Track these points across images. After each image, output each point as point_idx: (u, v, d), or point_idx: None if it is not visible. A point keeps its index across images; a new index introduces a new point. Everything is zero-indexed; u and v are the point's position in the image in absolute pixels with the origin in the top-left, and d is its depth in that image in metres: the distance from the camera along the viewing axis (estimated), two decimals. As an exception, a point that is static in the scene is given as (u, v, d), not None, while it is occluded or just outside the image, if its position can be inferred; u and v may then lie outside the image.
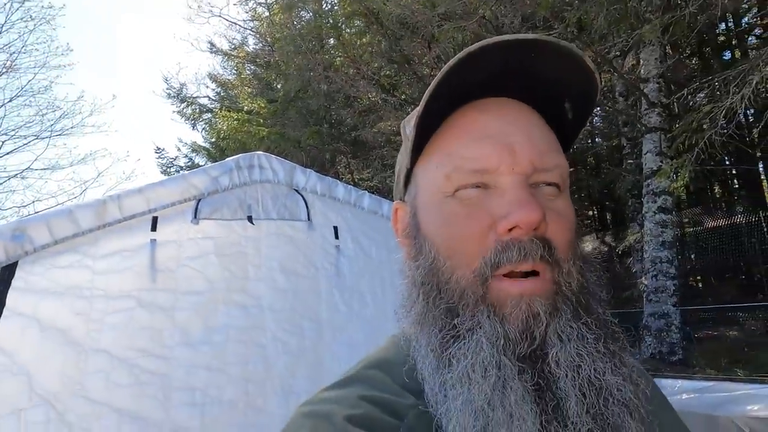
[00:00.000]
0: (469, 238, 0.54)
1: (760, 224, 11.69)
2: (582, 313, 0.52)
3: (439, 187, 0.57)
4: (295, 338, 2.25)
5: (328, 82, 11.04)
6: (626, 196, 10.00)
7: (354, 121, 12.09)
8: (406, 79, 10.70)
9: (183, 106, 17.06)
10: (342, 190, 2.53)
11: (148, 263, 1.93)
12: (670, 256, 6.85)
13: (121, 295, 1.84)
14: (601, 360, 0.49)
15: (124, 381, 1.77)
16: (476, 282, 0.52)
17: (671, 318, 6.73)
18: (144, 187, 1.96)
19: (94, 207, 1.82)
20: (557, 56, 0.54)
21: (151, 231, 1.96)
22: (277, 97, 13.65)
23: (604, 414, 0.48)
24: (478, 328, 0.50)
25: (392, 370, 0.58)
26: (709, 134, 5.12)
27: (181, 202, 2.04)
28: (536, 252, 0.51)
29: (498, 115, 0.57)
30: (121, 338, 1.80)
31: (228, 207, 2.19)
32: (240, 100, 14.57)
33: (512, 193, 0.53)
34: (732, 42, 13.43)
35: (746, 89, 4.83)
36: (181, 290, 2.00)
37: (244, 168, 2.24)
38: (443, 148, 0.58)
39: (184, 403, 1.90)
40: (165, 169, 19.24)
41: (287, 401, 2.15)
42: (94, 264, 1.81)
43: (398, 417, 0.53)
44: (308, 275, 2.38)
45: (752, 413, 1.39)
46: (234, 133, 12.34)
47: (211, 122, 17.00)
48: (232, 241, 2.19)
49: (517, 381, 0.48)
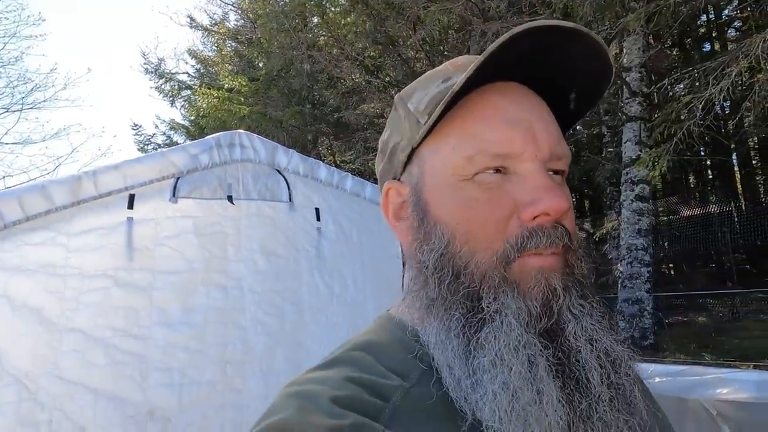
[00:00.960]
0: (490, 223, 0.53)
1: (732, 215, 12.03)
2: (588, 293, 0.54)
3: (456, 169, 0.56)
4: (274, 320, 2.24)
5: (312, 61, 10.88)
6: (605, 184, 10.16)
7: (337, 102, 11.97)
8: (391, 62, 10.60)
9: (161, 82, 16.67)
10: (324, 171, 2.50)
11: (124, 242, 1.89)
12: (646, 243, 7.00)
13: (97, 273, 1.80)
14: (607, 335, 0.51)
15: (100, 361, 1.74)
16: (499, 264, 0.52)
17: (644, 304, 6.91)
18: (120, 164, 1.91)
19: (68, 183, 1.77)
20: (586, 47, 0.54)
21: (127, 209, 1.91)
22: (258, 75, 13.41)
23: (618, 384, 0.50)
24: (505, 308, 0.51)
25: (378, 352, 0.58)
26: (687, 125, 5.21)
27: (159, 180, 1.99)
28: (562, 239, 0.52)
29: (518, 101, 0.57)
30: (96, 318, 1.76)
31: (208, 186, 2.14)
32: (220, 78, 14.26)
33: (537, 179, 0.53)
34: (712, 34, 13.62)
35: (725, 81, 4.92)
36: (159, 270, 1.97)
37: (225, 146, 2.19)
38: (464, 130, 0.56)
39: (162, 384, 1.88)
40: (142, 147, 18.87)
41: (266, 382, 2.15)
42: (69, 242, 1.76)
43: (384, 398, 0.53)
44: (289, 257, 2.36)
45: (720, 396, 1.43)
46: (214, 111, 12.11)
47: (190, 99, 16.66)
48: (211, 221, 2.15)
49: (542, 358, 0.49)
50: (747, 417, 1.48)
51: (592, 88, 0.60)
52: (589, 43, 0.54)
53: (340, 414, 0.49)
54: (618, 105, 7.78)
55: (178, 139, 18.41)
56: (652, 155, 5.84)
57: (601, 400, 0.48)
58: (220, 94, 12.39)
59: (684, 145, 5.55)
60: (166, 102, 17.23)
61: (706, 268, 13.72)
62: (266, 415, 0.53)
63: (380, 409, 0.51)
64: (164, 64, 16.92)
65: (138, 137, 18.88)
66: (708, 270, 13.58)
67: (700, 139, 5.84)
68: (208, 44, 17.64)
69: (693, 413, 1.54)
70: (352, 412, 0.50)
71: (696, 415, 1.53)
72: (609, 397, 0.49)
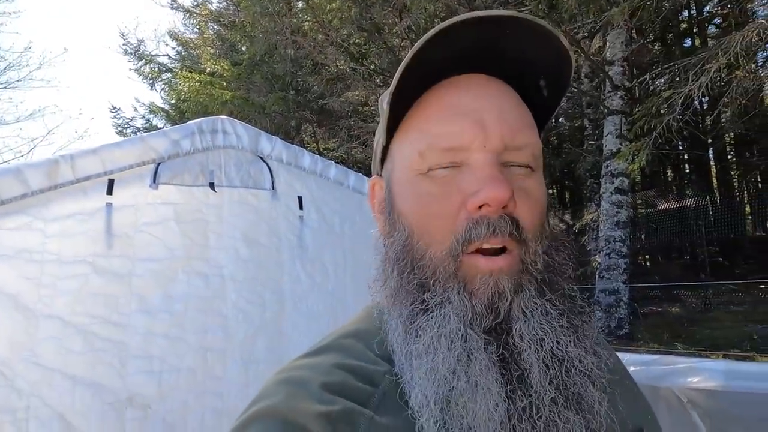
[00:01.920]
0: (441, 217, 0.54)
1: (707, 208, 12.32)
2: (546, 290, 0.53)
3: (412, 164, 0.57)
4: (255, 308, 2.24)
5: (296, 47, 10.73)
6: (585, 176, 10.29)
7: (321, 89, 11.85)
8: (376, 49, 10.52)
9: (141, 64, 16.29)
10: (308, 159, 2.49)
11: (103, 228, 1.86)
12: (624, 235, 7.14)
13: (75, 260, 1.77)
14: (564, 334, 0.51)
15: (78, 348, 1.72)
16: (448, 259, 0.53)
17: (621, 294, 7.06)
18: (99, 148, 1.87)
19: (44, 166, 1.73)
20: (531, 34, 0.53)
21: (106, 194, 1.87)
22: (241, 59, 13.19)
23: (567, 383, 0.50)
24: (447, 302, 0.52)
25: (366, 340, 0.59)
26: (667, 119, 5.30)
27: (139, 165, 1.95)
28: (505, 229, 0.52)
29: (470, 92, 0.57)
30: (74, 304, 1.74)
31: (189, 172, 2.12)
32: (202, 61, 13.99)
33: (482, 170, 0.53)
34: (693, 30, 13.81)
35: (704, 77, 5.00)
36: (139, 257, 1.94)
37: (207, 132, 2.16)
38: (416, 126, 0.58)
39: (141, 371, 1.87)
40: (121, 130, 18.49)
41: (246, 370, 2.15)
42: (46, 227, 1.73)
43: (373, 384, 0.54)
44: (271, 245, 2.35)
45: (691, 385, 1.49)
46: (195, 96, 11.90)
47: (170, 83, 16.32)
48: (193, 208, 2.12)
49: (483, 352, 0.49)
50: (715, 405, 1.54)
51: (557, 74, 0.59)
52: (537, 29, 0.53)
53: (330, 400, 0.50)
54: (600, 98, 7.87)
55: (157, 123, 18.08)
56: (632, 149, 5.94)
57: (542, 399, 0.49)
58: (201, 77, 12.17)
59: (663, 140, 5.65)
60: (146, 85, 16.86)
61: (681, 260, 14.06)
62: (256, 400, 0.54)
63: (369, 395, 0.52)
64: (144, 46, 16.54)
65: (116, 120, 18.50)
66: (682, 262, 13.93)
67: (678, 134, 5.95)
68: (189, 26, 17.26)
69: (665, 401, 1.59)
70: (342, 398, 0.51)
71: (668, 403, 1.59)
72: (552, 396, 0.49)
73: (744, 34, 4.63)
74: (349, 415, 0.49)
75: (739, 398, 1.41)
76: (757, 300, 9.81)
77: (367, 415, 0.50)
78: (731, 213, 12.24)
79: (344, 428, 0.48)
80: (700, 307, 9.83)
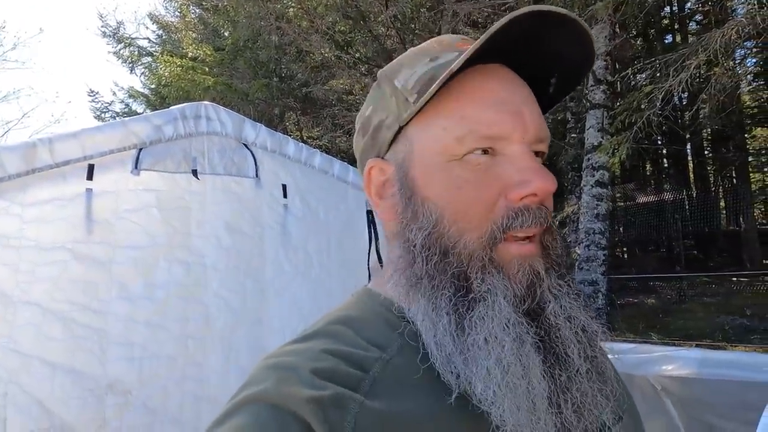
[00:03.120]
0: (479, 203, 0.55)
1: (684, 203, 12.58)
2: (565, 272, 0.57)
3: (446, 149, 0.57)
4: (237, 296, 2.23)
5: (280, 33, 10.59)
6: (567, 168, 10.40)
7: (305, 76, 11.73)
8: (361, 38, 10.43)
9: (120, 47, 15.89)
10: (293, 147, 2.47)
11: (83, 214, 1.82)
12: (603, 228, 7.25)
13: (54, 246, 1.74)
14: (583, 312, 0.55)
15: (58, 334, 1.70)
16: (486, 245, 0.54)
17: (599, 286, 7.19)
18: (79, 132, 1.83)
19: (21, 150, 1.68)
20: (573, 33, 0.56)
21: (87, 180, 1.84)
22: (224, 45, 12.97)
23: (592, 357, 0.54)
24: (494, 289, 0.53)
25: (357, 326, 0.59)
26: (647, 114, 5.38)
27: (120, 150, 1.92)
28: (545, 219, 0.55)
29: (506, 83, 0.58)
30: (53, 291, 1.71)
31: (172, 159, 2.09)
32: (184, 45, 13.70)
33: (525, 161, 0.55)
34: (675, 26, 14.00)
35: (684, 73, 5.09)
36: (120, 244, 1.92)
37: (190, 118, 2.13)
38: (455, 110, 0.57)
39: (122, 358, 1.86)
40: (99, 114, 18.09)
41: (227, 357, 2.15)
42: (24, 212, 1.69)
43: (364, 369, 0.54)
44: (254, 234, 2.33)
45: (665, 373, 1.53)
46: (177, 81, 11.66)
47: (151, 67, 15.98)
48: (175, 195, 2.10)
49: (528, 335, 0.52)
50: (688, 392, 1.59)
51: (572, 74, 0.61)
52: (577, 29, 0.55)
53: (320, 385, 0.50)
54: (583, 92, 7.95)
55: (137, 108, 17.72)
56: (613, 142, 6.02)
57: (579, 372, 0.52)
58: (183, 62, 11.92)
59: (643, 134, 5.74)
60: (125, 68, 16.48)
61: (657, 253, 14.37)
62: (245, 386, 0.54)
63: (360, 380, 0.52)
64: (123, 28, 16.12)
65: (94, 104, 18.08)
66: (659, 254, 14.24)
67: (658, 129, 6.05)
68: (170, 9, 16.90)
69: (639, 388, 1.64)
70: (332, 383, 0.51)
71: (642, 390, 1.63)
72: (586, 369, 0.52)
73: (724, 31, 4.71)
74: (340, 400, 0.49)
75: (710, 386, 1.46)
76: (729, 292, 10.10)
77: (358, 400, 0.50)
78: (707, 207, 12.54)
79: (335, 413, 0.48)
80: (675, 298, 10.08)
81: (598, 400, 0.53)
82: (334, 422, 0.48)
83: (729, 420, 1.50)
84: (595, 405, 0.52)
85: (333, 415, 0.48)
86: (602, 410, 0.53)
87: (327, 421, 0.48)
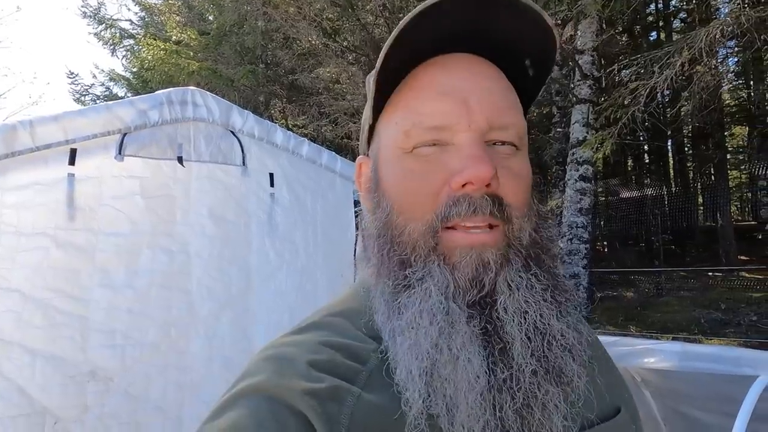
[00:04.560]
0: (423, 194, 0.55)
1: (664, 198, 12.80)
2: (532, 265, 0.54)
3: (398, 143, 0.58)
4: (221, 285, 2.21)
5: (266, 18, 10.43)
6: (552, 162, 10.49)
7: (292, 63, 11.58)
8: (349, 25, 10.33)
9: (101, 28, 15.49)
10: (281, 135, 2.44)
11: (65, 200, 1.78)
12: (586, 222, 7.35)
13: (35, 232, 1.70)
14: (547, 308, 0.52)
15: (38, 321, 1.67)
16: (427, 234, 0.54)
17: (580, 279, 7.30)
18: (60, 115, 1.78)
19: (1, 133, 1.64)
20: (515, 12, 0.54)
21: (68, 164, 1.80)
22: (209, 29, 12.73)
23: (548, 356, 0.51)
24: (429, 277, 0.52)
25: (354, 318, 0.60)
26: (632, 110, 5.44)
27: (103, 135, 1.88)
28: (486, 208, 0.52)
29: (456, 72, 0.57)
30: (34, 278, 1.68)
31: (157, 145, 2.05)
32: (167, 29, 13.41)
33: (467, 149, 0.53)
34: (660, 23, 14.14)
35: (668, 71, 5.15)
36: (102, 231, 1.88)
37: (176, 103, 2.09)
38: (402, 105, 0.58)
39: (104, 345, 1.83)
40: (79, 97, 17.66)
41: (210, 345, 2.13)
42: (3, 196, 1.65)
43: (361, 361, 0.54)
44: (239, 222, 2.31)
45: (645, 365, 1.57)
46: (160, 65, 11.42)
47: (133, 49, 15.62)
48: (159, 182, 2.07)
49: (465, 325, 0.50)
50: (666, 384, 1.62)
51: (542, 54, 0.60)
52: (522, 8, 0.54)
53: (317, 377, 0.50)
54: (569, 87, 8.00)
55: (118, 92, 17.34)
56: (598, 138, 6.08)
57: (523, 371, 0.49)
58: (167, 46, 11.67)
59: (627, 130, 5.81)
60: (106, 50, 16.07)
61: (637, 247, 14.63)
62: (242, 377, 0.53)
63: (357, 372, 0.53)
64: (104, 9, 15.75)
65: (74, 86, 17.62)
66: (638, 249, 14.49)
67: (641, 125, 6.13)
68: (154, -9, 16.49)
69: (620, 380, 1.67)
70: (329, 376, 0.51)
71: (622, 382, 1.66)
72: (533, 368, 0.49)
73: (708, 30, 4.77)
74: (337, 392, 0.50)
75: (688, 378, 1.50)
76: (705, 286, 10.34)
77: (355, 393, 0.50)
78: (686, 203, 12.78)
79: (332, 406, 0.48)
80: (653, 292, 10.29)
81: (552, 403, 0.50)
82: (331, 415, 0.48)
83: (706, 412, 1.54)
84: (544, 408, 0.50)
85: (330, 408, 0.48)
86: (556, 414, 0.50)
87: (324, 413, 0.48)
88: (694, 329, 7.22)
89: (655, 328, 7.33)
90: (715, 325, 7.48)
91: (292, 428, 0.47)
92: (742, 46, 7.91)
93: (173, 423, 1.96)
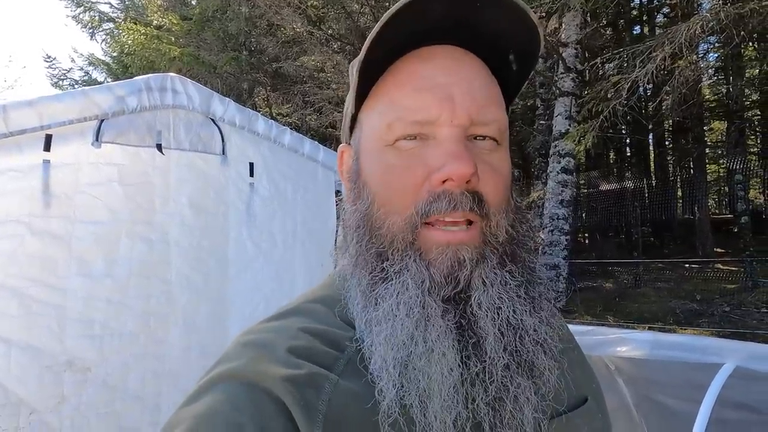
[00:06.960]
0: (404, 188, 0.55)
1: (643, 191, 13.01)
2: (507, 261, 0.55)
3: (380, 135, 0.58)
4: (199, 274, 2.20)
5: (250, 4, 10.28)
6: (534, 154, 10.57)
7: (276, 51, 11.44)
8: (335, 13, 10.23)
9: (79, 11, 15.12)
10: (262, 124, 2.42)
11: (40, 187, 1.75)
12: (567, 213, 7.44)
13: (9, 219, 1.67)
14: (521, 303, 0.53)
15: (13, 311, 1.64)
16: (406, 229, 0.54)
17: (560, 269, 7.40)
18: (36, 100, 1.74)
19: (-27, 117, 1.60)
20: (499, 7, 0.54)
21: (44, 151, 1.76)
22: (192, 14, 12.50)
23: (520, 351, 0.52)
24: (405, 270, 0.53)
25: (332, 305, 0.60)
26: (614, 104, 5.50)
27: (80, 121, 1.84)
28: (465, 204, 0.53)
29: (440, 66, 0.57)
30: (9, 266, 1.65)
31: (135, 132, 2.02)
32: (148, 13, 13.13)
33: (447, 145, 0.54)
34: (643, 17, 14.27)
35: (650, 65, 5.21)
36: (79, 219, 1.85)
37: (155, 90, 2.06)
38: (386, 97, 0.58)
39: (81, 335, 1.81)
40: (56, 82, 17.27)
41: (188, 334, 2.13)
42: (-25, 183, 1.62)
43: (338, 348, 0.55)
44: (218, 212, 2.29)
45: (619, 354, 1.60)
46: (141, 50, 11.21)
47: (113, 34, 15.28)
48: (138, 170, 2.04)
49: (440, 320, 0.51)
50: (639, 372, 1.67)
51: (526, 49, 0.60)
52: (507, 3, 0.54)
53: (296, 364, 0.50)
54: (553, 79, 8.05)
55: (97, 77, 16.98)
56: (580, 130, 6.15)
57: (496, 365, 0.51)
58: (148, 30, 11.44)
59: (609, 123, 5.88)
60: (85, 34, 15.70)
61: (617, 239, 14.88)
62: (219, 362, 0.53)
63: (335, 359, 0.53)
64: (83, -8, 15.30)
65: (51, 71, 17.22)
66: (618, 240, 14.74)
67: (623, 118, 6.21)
68: (134, -26, 16.11)
69: (595, 368, 1.71)
70: (308, 362, 0.51)
71: (597, 370, 1.70)
72: (505, 363, 0.51)
73: (689, 25, 4.83)
74: (315, 379, 0.50)
75: (660, 366, 1.54)
76: (681, 278, 10.58)
77: (333, 380, 0.51)
78: (665, 196, 13.01)
79: (310, 392, 0.49)
80: (631, 283, 10.49)
81: (523, 396, 0.51)
82: (309, 401, 0.48)
83: (676, 398, 1.59)
84: (516, 401, 0.51)
85: (308, 395, 0.49)
86: (527, 406, 0.51)
87: (302, 399, 0.48)
88: (669, 319, 7.39)
89: (632, 318, 7.49)
90: (690, 316, 7.66)
91: (270, 414, 0.47)
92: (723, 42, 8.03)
93: (151, 411, 1.96)
